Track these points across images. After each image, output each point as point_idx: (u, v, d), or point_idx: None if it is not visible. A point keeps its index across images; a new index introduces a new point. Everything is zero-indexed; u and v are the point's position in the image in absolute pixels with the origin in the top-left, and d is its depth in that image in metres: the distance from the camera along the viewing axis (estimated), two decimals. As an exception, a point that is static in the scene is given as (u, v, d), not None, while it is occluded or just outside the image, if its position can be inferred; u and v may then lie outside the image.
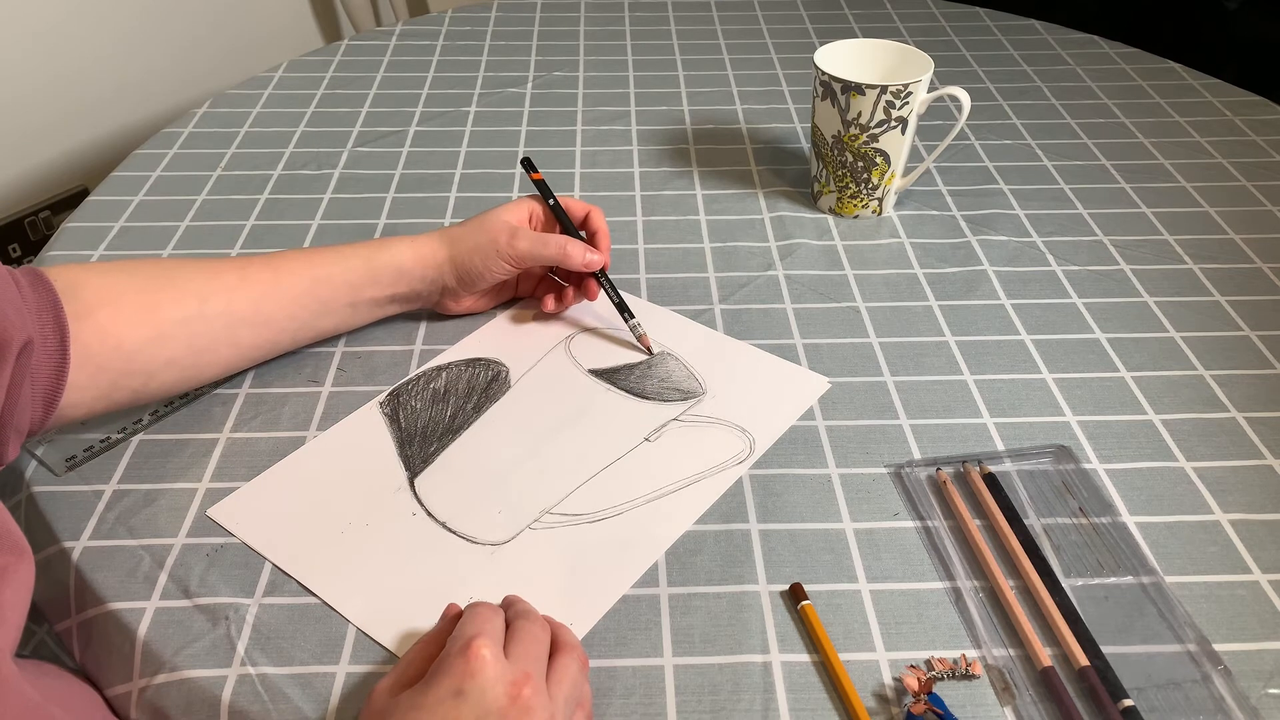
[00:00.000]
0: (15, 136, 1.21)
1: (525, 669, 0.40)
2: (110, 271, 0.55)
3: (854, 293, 0.70)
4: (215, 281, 0.57)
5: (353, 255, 0.62)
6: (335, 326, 0.63)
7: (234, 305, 0.57)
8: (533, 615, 0.44)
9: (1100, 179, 0.84)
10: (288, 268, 0.59)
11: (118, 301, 0.53)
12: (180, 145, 0.89)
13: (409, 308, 0.66)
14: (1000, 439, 0.58)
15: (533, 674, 0.40)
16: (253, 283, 0.58)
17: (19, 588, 0.42)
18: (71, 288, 0.51)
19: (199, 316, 0.55)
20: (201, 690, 0.45)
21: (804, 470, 0.56)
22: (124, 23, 1.30)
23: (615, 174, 0.85)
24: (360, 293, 0.62)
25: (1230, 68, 1.08)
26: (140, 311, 0.53)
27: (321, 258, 0.61)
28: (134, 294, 0.54)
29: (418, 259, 0.63)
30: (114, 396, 0.53)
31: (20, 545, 0.43)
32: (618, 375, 0.63)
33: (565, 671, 0.42)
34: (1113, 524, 0.53)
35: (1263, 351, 0.65)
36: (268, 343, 0.60)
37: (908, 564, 0.51)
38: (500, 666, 0.39)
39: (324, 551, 0.51)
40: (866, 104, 0.72)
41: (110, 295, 0.53)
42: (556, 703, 0.40)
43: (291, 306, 0.59)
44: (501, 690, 0.38)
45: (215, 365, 0.58)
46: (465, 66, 1.04)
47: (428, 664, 0.41)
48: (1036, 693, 0.45)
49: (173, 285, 0.55)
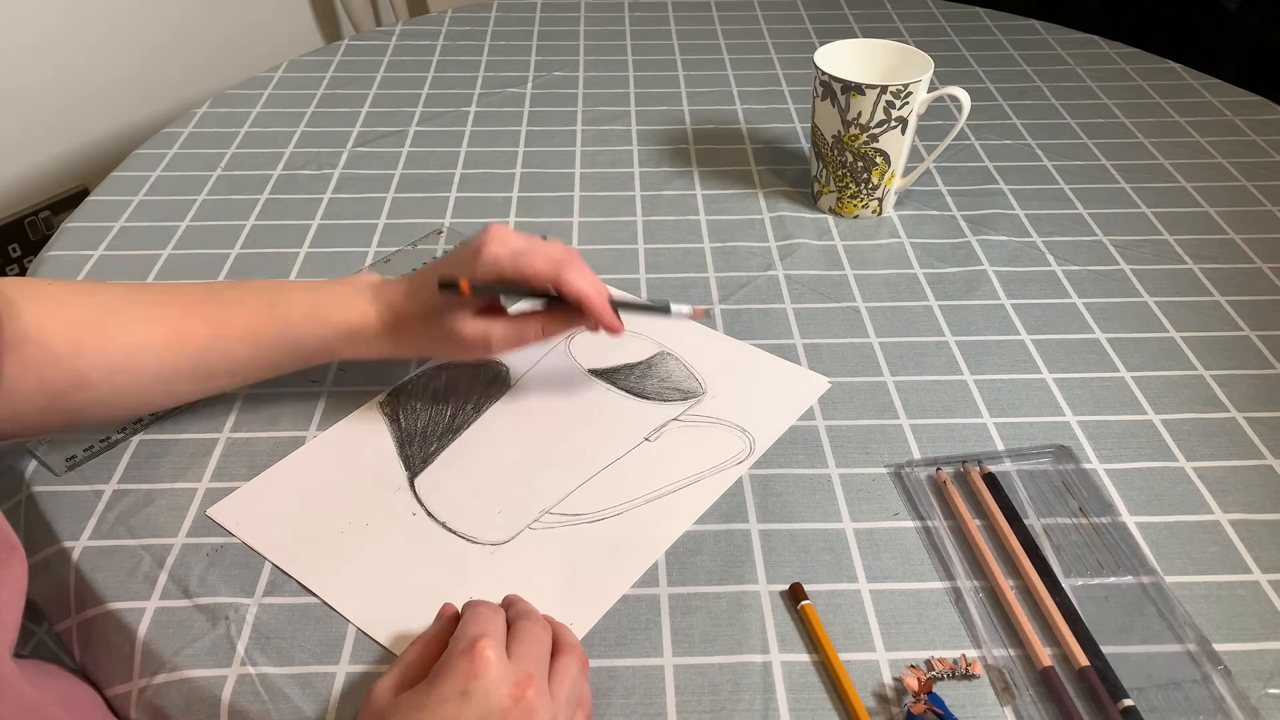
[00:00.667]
0: (15, 136, 1.21)
1: (528, 670, 0.40)
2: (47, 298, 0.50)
3: (854, 293, 0.70)
4: (146, 334, 0.52)
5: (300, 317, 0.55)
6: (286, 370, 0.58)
7: (165, 362, 0.52)
8: (534, 615, 0.44)
9: (1100, 179, 0.84)
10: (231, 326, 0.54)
11: (47, 341, 0.49)
12: (180, 145, 0.89)
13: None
14: (1000, 439, 0.58)
15: (535, 675, 0.40)
16: (189, 340, 0.53)
17: (12, 584, 0.42)
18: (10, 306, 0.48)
19: (125, 370, 0.51)
20: (201, 690, 0.45)
21: (804, 470, 0.56)
22: (124, 22, 1.30)
23: (615, 174, 0.85)
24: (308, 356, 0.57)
25: (1230, 68, 1.08)
26: (66, 354, 0.49)
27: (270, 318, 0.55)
28: (62, 335, 0.50)
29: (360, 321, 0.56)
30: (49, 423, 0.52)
31: (11, 542, 0.43)
32: (618, 375, 0.63)
33: (566, 672, 0.42)
34: (1113, 524, 0.53)
35: (1263, 351, 0.65)
36: (203, 391, 0.57)
37: (908, 564, 0.51)
38: (504, 667, 0.39)
39: (324, 551, 0.51)
40: (866, 104, 0.72)
41: (42, 331, 0.49)
42: (558, 703, 0.40)
43: (233, 363, 0.55)
44: (506, 691, 0.38)
45: (147, 407, 0.56)
46: (465, 66, 1.04)
47: (427, 664, 0.41)
48: (1036, 693, 0.45)
49: (100, 331, 0.51)
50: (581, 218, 0.79)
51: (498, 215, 0.79)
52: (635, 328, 0.66)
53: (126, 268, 0.72)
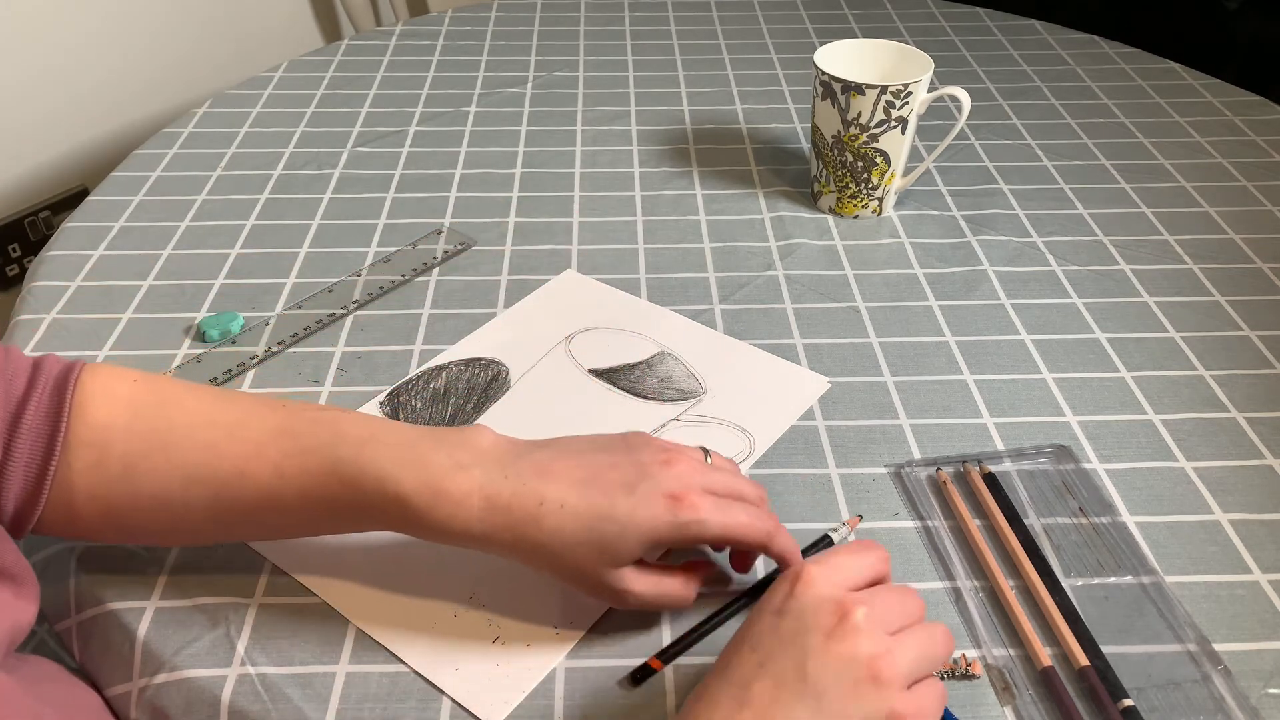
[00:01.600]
0: (15, 136, 1.21)
1: (860, 598, 0.37)
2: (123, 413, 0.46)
3: (854, 293, 0.70)
4: (207, 469, 0.45)
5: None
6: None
7: (221, 499, 0.45)
8: (905, 589, 0.40)
9: (1100, 179, 0.84)
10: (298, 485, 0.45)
11: (104, 462, 0.45)
12: (180, 145, 0.89)
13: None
14: (1000, 439, 0.58)
15: (873, 605, 0.37)
16: (251, 481, 0.45)
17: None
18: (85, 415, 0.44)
19: (181, 503, 0.45)
20: (201, 690, 0.45)
21: (804, 470, 0.56)
22: (124, 22, 1.30)
23: (615, 174, 0.85)
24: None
25: (1230, 68, 1.08)
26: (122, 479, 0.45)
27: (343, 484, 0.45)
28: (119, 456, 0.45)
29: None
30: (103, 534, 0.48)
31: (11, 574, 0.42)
32: (618, 375, 0.63)
33: (930, 636, 0.38)
34: (1113, 524, 0.53)
35: (1263, 351, 0.65)
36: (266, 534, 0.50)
37: (908, 564, 0.51)
38: (830, 588, 0.37)
39: (324, 551, 0.51)
40: (866, 104, 0.72)
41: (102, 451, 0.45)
42: (904, 646, 0.37)
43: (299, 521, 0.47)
44: (828, 610, 0.36)
45: (199, 538, 0.50)
46: (465, 66, 1.04)
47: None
48: (1036, 693, 0.45)
49: (164, 453, 0.45)
50: (581, 218, 0.79)
51: (498, 215, 0.79)
52: (635, 328, 0.67)
53: (126, 268, 0.72)
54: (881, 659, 0.36)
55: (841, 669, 0.35)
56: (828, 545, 0.51)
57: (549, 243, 0.76)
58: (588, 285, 0.71)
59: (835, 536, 0.51)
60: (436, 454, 0.44)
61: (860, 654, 0.35)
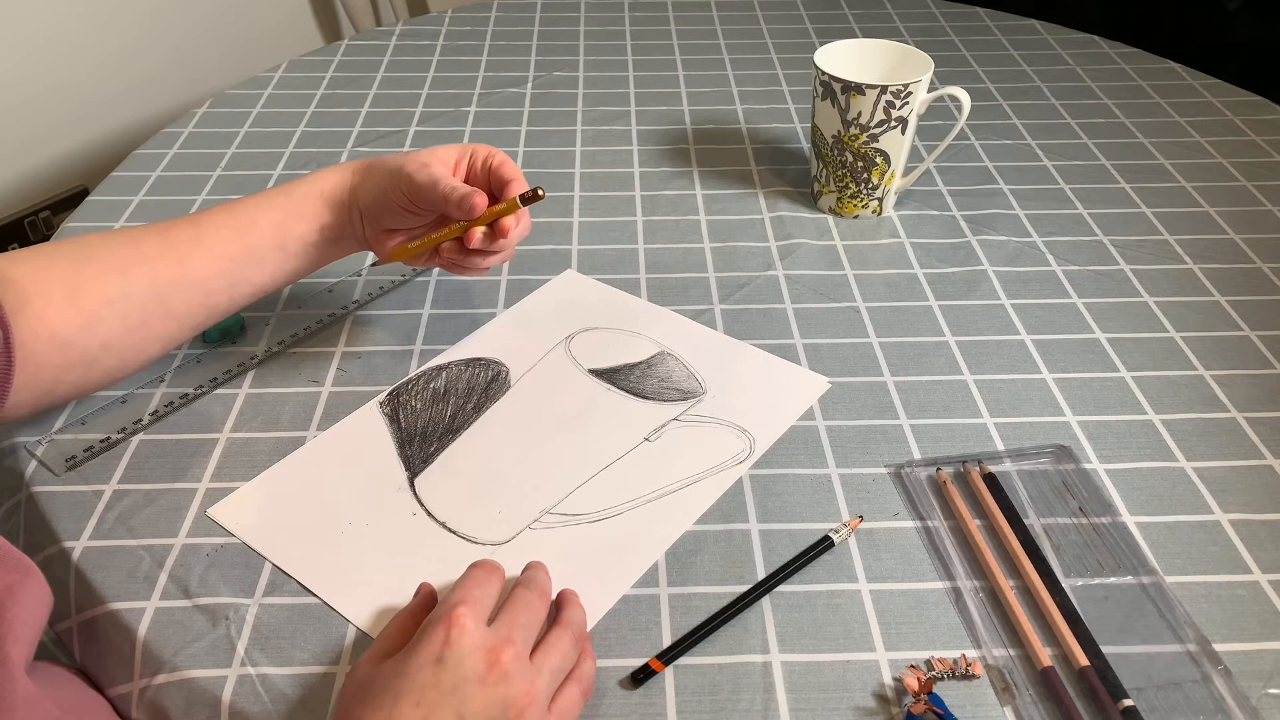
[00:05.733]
0: (15, 137, 1.21)
1: (507, 635, 0.40)
2: (31, 258, 0.52)
3: (854, 293, 0.70)
4: (136, 250, 0.54)
5: (275, 193, 0.59)
6: (272, 276, 0.59)
7: (158, 272, 0.54)
8: (532, 584, 0.44)
9: (1100, 179, 0.84)
10: (210, 221, 0.56)
11: (46, 292, 0.50)
12: (180, 145, 0.89)
13: (343, 248, 0.62)
14: (1000, 439, 0.58)
15: (515, 640, 0.40)
16: (175, 244, 0.55)
17: (30, 604, 0.42)
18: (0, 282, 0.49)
19: (123, 293, 0.52)
20: (202, 690, 0.45)
21: (804, 470, 0.56)
22: (124, 23, 1.30)
23: (615, 174, 0.85)
24: (287, 231, 0.58)
25: (1230, 68, 1.08)
26: (67, 298, 0.50)
27: (244, 204, 0.58)
28: (58, 281, 0.51)
29: (337, 183, 0.60)
30: (56, 392, 0.52)
31: (23, 564, 0.43)
32: (618, 375, 0.63)
33: (556, 643, 0.42)
34: (1113, 524, 0.53)
35: (1263, 351, 0.65)
36: (201, 306, 0.56)
37: (908, 564, 0.51)
38: (481, 634, 0.40)
39: (324, 551, 0.51)
40: (866, 104, 0.72)
41: (37, 285, 0.50)
42: (541, 672, 0.40)
43: (220, 262, 0.56)
44: (480, 658, 0.39)
45: (154, 341, 0.55)
46: (465, 66, 1.04)
47: (406, 637, 0.42)
48: (1036, 693, 0.45)
49: (92, 262, 0.52)
50: (581, 218, 0.79)
51: (498, 215, 0.79)
52: (635, 327, 0.67)
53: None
54: (525, 695, 0.39)
55: (496, 713, 0.39)
56: (829, 547, 0.51)
57: (549, 243, 0.76)
58: (588, 285, 0.71)
59: (835, 538, 0.51)
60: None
61: (511, 694, 0.39)
